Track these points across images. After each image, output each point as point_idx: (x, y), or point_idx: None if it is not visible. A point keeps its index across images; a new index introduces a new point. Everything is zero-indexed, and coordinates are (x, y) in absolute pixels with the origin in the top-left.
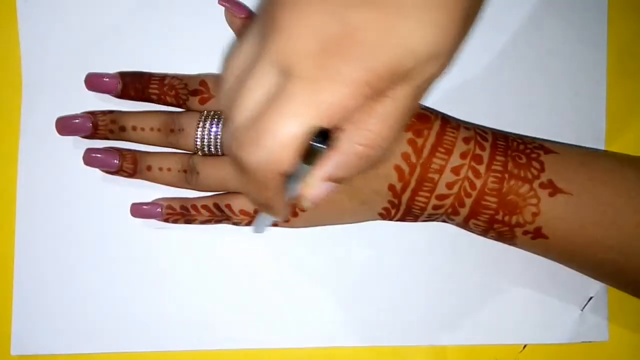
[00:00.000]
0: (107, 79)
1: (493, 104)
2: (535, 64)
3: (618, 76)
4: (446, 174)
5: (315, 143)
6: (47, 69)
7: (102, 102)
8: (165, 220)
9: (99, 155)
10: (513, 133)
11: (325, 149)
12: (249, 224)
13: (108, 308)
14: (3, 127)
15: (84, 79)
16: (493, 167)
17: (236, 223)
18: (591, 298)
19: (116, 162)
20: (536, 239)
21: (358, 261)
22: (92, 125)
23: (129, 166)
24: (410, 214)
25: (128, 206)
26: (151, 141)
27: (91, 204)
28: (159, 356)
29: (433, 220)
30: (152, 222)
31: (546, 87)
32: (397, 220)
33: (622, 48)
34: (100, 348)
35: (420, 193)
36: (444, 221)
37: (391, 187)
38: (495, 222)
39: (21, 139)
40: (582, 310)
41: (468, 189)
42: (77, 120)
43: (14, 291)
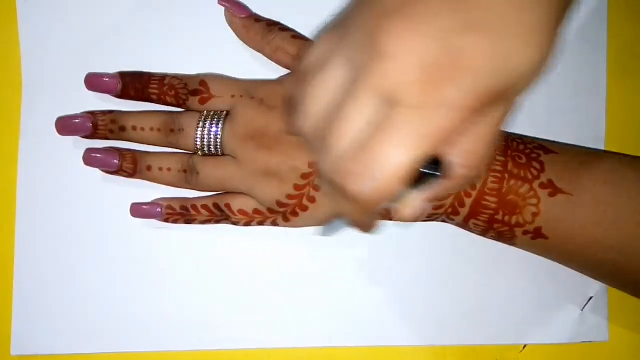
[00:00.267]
0: (107, 79)
1: None
2: None
3: (618, 76)
4: None
5: (422, 169)
6: (47, 69)
7: (102, 102)
8: (165, 220)
9: (99, 155)
10: (513, 133)
11: (432, 174)
12: (248, 224)
13: (108, 308)
14: (3, 127)
15: (84, 79)
16: (493, 167)
17: (235, 223)
18: (591, 298)
19: (116, 162)
20: (536, 239)
21: (358, 261)
22: (92, 125)
23: (129, 166)
24: None
25: (128, 206)
26: (151, 141)
27: (91, 204)
28: (159, 356)
29: (433, 220)
30: (152, 222)
31: (546, 87)
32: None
33: (622, 48)
34: (100, 348)
35: None
36: (444, 221)
37: None
38: (495, 222)
39: (21, 139)
40: (582, 310)
41: (468, 189)
42: (77, 120)
43: (14, 291)
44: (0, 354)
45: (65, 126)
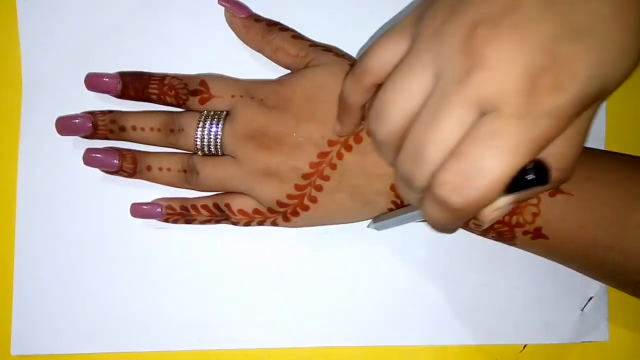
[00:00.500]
0: (107, 79)
1: None
2: None
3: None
4: None
5: (522, 177)
6: (47, 69)
7: (102, 102)
8: (165, 220)
9: (99, 155)
10: None
11: (531, 181)
12: (248, 224)
13: (108, 308)
14: (3, 127)
15: (84, 79)
16: None
17: (235, 223)
18: (591, 298)
19: (116, 162)
20: (536, 239)
21: (358, 261)
22: (92, 125)
23: (129, 166)
24: None
25: (128, 206)
26: (151, 141)
27: (91, 204)
28: (159, 356)
29: None
30: (152, 222)
31: None
32: None
33: None
34: (100, 348)
35: None
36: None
37: (393, 187)
38: (495, 222)
39: (21, 139)
40: (582, 310)
41: None
42: (77, 120)
43: (14, 291)
44: (0, 354)
45: (65, 126)
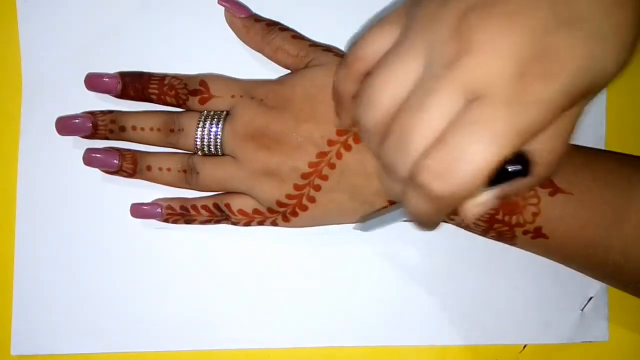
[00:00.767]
0: (107, 79)
1: None
2: None
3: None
4: None
5: (506, 167)
6: (47, 69)
7: (102, 102)
8: (165, 220)
9: (99, 155)
10: None
11: (514, 172)
12: (248, 224)
13: (108, 308)
14: (3, 127)
15: (84, 79)
16: None
17: (235, 223)
18: (591, 298)
19: (116, 162)
20: (536, 239)
21: (358, 261)
22: (92, 125)
23: (129, 166)
24: None
25: (128, 206)
26: (151, 141)
27: (91, 204)
28: (159, 356)
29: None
30: (152, 222)
31: None
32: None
33: None
34: (100, 348)
35: None
36: (444, 221)
37: None
38: (495, 222)
39: (21, 139)
40: (582, 310)
41: None
42: (77, 120)
43: (14, 291)
44: (0, 354)
45: (65, 126)
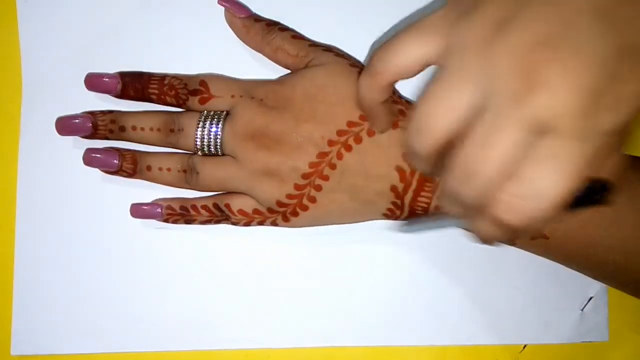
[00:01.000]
0: (107, 79)
1: None
2: None
3: None
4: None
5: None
6: (47, 69)
7: (102, 102)
8: (165, 220)
9: (99, 155)
10: None
11: (589, 200)
12: (248, 224)
13: (108, 308)
14: (3, 127)
15: (84, 79)
16: None
17: (235, 223)
18: (591, 298)
19: (116, 162)
20: (536, 239)
21: (358, 261)
22: (92, 125)
23: (129, 166)
24: (414, 215)
25: (128, 206)
26: (151, 141)
27: (91, 204)
28: (159, 356)
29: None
30: (152, 222)
31: None
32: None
33: None
34: (100, 348)
35: (422, 194)
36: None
37: (393, 189)
38: None
39: (21, 139)
40: (582, 310)
41: None
42: (77, 120)
43: (14, 291)
44: (0, 354)
45: (65, 126)
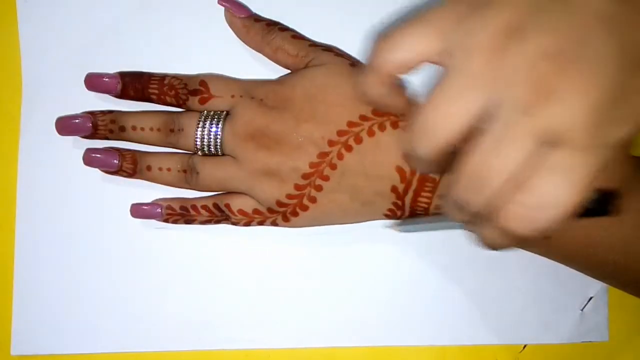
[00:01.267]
0: (107, 79)
1: None
2: None
3: None
4: (447, 174)
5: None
6: (47, 69)
7: (102, 102)
8: (165, 220)
9: (99, 155)
10: None
11: (598, 210)
12: (247, 224)
13: (108, 308)
14: (3, 127)
15: (84, 79)
16: None
17: (235, 223)
18: (591, 298)
19: (116, 162)
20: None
21: (358, 261)
22: (92, 125)
23: (129, 166)
24: (414, 215)
25: (128, 206)
26: (151, 141)
27: (91, 204)
28: (159, 356)
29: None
30: (152, 222)
31: None
32: None
33: None
34: (100, 348)
35: (422, 194)
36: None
37: (394, 189)
38: None
39: (21, 139)
40: (582, 310)
41: None
42: (77, 120)
43: (14, 291)
44: (0, 354)
45: (65, 126)
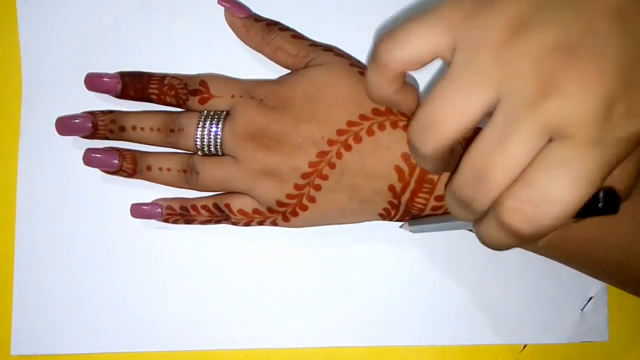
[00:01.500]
0: (107, 79)
1: None
2: None
3: None
4: (445, 175)
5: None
6: (47, 69)
7: (102, 102)
8: (165, 220)
9: (99, 155)
10: None
11: (602, 208)
12: (247, 224)
13: (108, 308)
14: (3, 127)
15: (84, 79)
16: None
17: (235, 223)
18: (591, 298)
19: (116, 162)
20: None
21: (358, 261)
22: (92, 125)
23: (129, 166)
24: (409, 215)
25: (128, 206)
26: (151, 141)
27: (91, 204)
28: (159, 356)
29: None
30: (152, 222)
31: None
32: (397, 220)
33: None
34: (100, 348)
35: (419, 194)
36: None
37: (391, 188)
38: None
39: (21, 139)
40: (582, 310)
41: None
42: (77, 120)
43: (14, 291)
44: (0, 354)
45: (65, 126)
